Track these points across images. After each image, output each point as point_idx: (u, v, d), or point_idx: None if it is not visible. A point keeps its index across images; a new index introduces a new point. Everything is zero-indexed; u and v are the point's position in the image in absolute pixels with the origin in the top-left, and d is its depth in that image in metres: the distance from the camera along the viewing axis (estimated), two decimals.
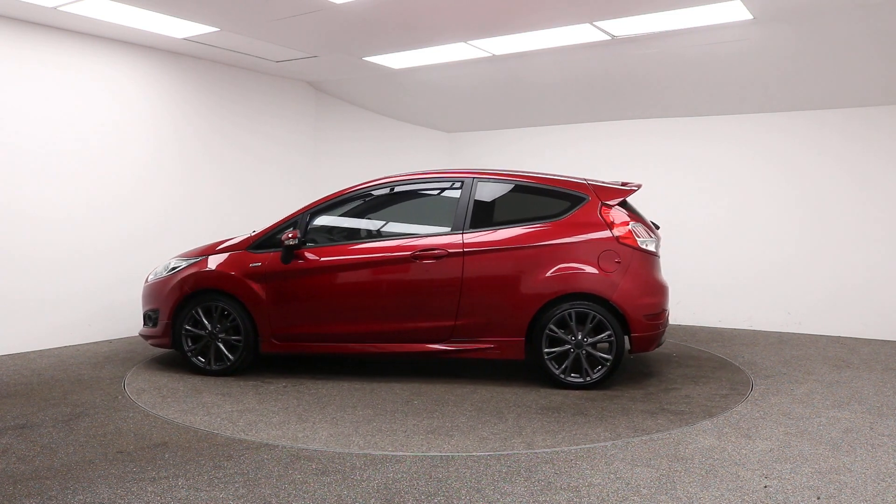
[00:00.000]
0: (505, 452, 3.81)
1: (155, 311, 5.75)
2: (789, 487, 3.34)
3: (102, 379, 5.41)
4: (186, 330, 5.59)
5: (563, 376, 5.14)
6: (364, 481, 3.40)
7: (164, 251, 7.34)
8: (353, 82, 8.56)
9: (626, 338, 5.19)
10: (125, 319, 7.09)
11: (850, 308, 7.33)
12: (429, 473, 3.51)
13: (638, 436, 4.09)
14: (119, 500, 3.17)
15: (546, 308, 5.16)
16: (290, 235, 5.39)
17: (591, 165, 8.18)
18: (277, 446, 3.90)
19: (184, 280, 5.62)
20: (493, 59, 7.28)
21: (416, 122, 9.84)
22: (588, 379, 5.12)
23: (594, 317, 5.08)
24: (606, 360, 5.10)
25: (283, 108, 8.55)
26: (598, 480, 3.42)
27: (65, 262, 6.59)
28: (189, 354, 5.61)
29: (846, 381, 5.43)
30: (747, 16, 5.72)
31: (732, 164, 7.98)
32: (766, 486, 3.34)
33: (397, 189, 5.74)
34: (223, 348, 5.55)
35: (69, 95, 6.58)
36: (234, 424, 4.34)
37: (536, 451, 3.84)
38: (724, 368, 5.89)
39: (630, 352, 5.24)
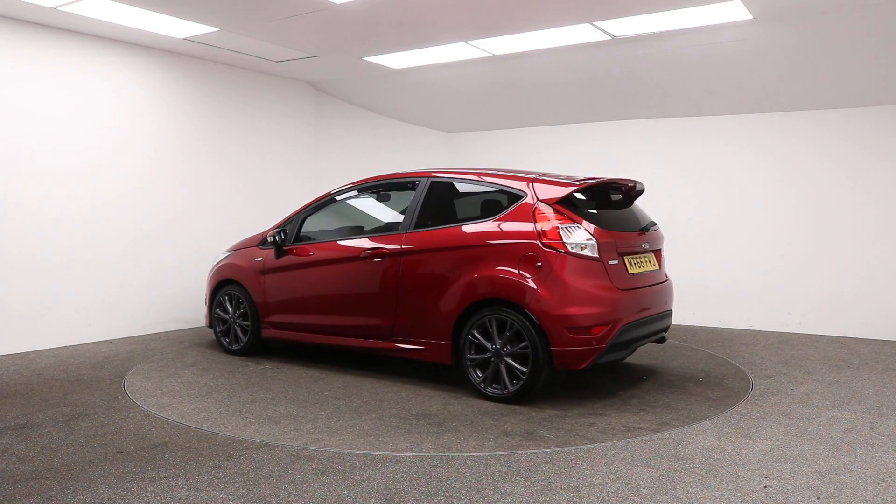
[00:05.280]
0: (505, 452, 3.81)
1: (205, 296, 6.71)
2: (789, 487, 3.34)
3: (102, 379, 5.42)
4: (217, 314, 6.49)
5: (483, 386, 4.85)
6: (364, 481, 3.40)
7: (164, 251, 7.35)
8: (353, 82, 8.55)
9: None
10: (125, 320, 7.10)
11: (850, 308, 7.33)
12: (429, 473, 3.51)
13: (638, 436, 4.09)
14: (119, 500, 3.18)
15: (470, 312, 4.92)
16: (271, 234, 6.04)
17: (591, 165, 8.16)
18: (277, 446, 3.90)
19: (217, 270, 6.55)
20: (493, 59, 7.28)
21: (416, 122, 9.83)
22: (505, 392, 4.75)
23: (512, 325, 4.72)
24: (523, 372, 4.69)
25: (284, 107, 8.55)
26: (598, 480, 3.42)
27: (65, 263, 6.59)
28: (219, 335, 6.47)
29: (846, 381, 5.43)
30: (747, 16, 5.73)
31: (732, 164, 7.98)
32: (766, 486, 3.34)
33: (372, 191, 5.94)
34: (239, 332, 6.33)
35: (69, 95, 6.58)
36: (159, 388, 5.04)
37: (537, 451, 3.84)
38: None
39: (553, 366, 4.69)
